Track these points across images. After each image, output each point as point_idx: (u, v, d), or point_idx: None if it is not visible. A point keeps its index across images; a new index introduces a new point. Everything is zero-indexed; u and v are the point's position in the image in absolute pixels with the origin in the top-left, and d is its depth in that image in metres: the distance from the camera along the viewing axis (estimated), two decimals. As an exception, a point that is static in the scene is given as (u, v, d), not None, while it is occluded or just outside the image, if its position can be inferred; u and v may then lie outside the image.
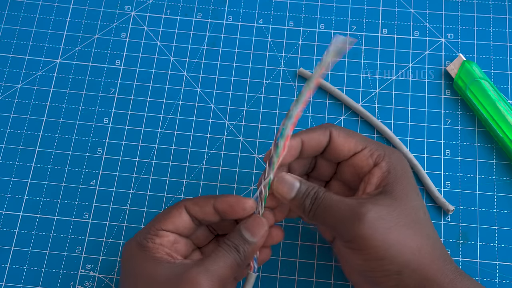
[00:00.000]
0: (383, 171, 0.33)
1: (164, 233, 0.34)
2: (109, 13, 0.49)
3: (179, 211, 0.35)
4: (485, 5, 0.48)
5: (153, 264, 0.32)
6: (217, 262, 0.32)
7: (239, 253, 0.33)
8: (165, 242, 0.34)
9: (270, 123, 0.45)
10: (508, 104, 0.43)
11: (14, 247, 0.42)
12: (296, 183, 0.33)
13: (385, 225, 0.31)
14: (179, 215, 0.34)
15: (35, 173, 0.44)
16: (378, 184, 0.33)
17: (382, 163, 0.34)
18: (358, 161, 0.34)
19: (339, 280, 0.41)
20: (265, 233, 0.34)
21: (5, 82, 0.47)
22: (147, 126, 0.45)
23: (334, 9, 0.49)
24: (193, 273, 0.31)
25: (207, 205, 0.34)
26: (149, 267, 0.32)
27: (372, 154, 0.34)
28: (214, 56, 0.47)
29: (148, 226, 0.35)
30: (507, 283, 0.40)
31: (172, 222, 0.34)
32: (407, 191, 0.33)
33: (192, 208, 0.35)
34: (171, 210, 0.35)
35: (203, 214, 0.35)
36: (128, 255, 0.34)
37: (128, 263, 0.34)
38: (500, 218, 0.42)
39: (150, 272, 0.32)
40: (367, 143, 0.35)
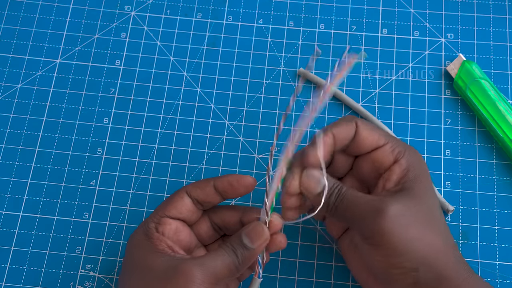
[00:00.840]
0: (403, 168, 0.34)
1: (167, 220, 0.35)
2: (109, 13, 0.49)
3: (181, 195, 0.35)
4: (485, 5, 0.48)
5: (154, 255, 0.33)
6: (214, 260, 0.32)
7: (236, 256, 0.33)
8: (168, 231, 0.34)
9: (270, 123, 0.45)
10: (508, 104, 0.43)
11: (14, 247, 0.42)
12: (323, 180, 0.34)
13: (404, 221, 0.31)
14: (181, 199, 0.35)
15: (35, 173, 0.44)
16: (398, 181, 0.34)
17: (402, 160, 0.34)
18: (378, 156, 0.35)
19: (339, 280, 0.41)
20: (264, 241, 0.34)
21: (5, 82, 0.47)
22: (147, 126, 0.45)
23: (334, 9, 0.49)
24: (188, 265, 0.32)
25: (207, 186, 0.35)
26: (149, 259, 0.33)
27: (393, 150, 0.34)
28: (214, 56, 0.47)
29: (152, 214, 0.35)
30: (507, 283, 0.40)
31: (174, 207, 0.35)
32: (425, 189, 0.33)
33: (193, 190, 0.35)
34: (173, 196, 0.36)
35: (204, 195, 0.35)
36: (133, 244, 0.35)
37: (131, 252, 0.35)
38: (500, 218, 0.42)
39: (149, 263, 0.33)
40: (389, 138, 0.35)
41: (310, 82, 0.46)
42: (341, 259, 0.41)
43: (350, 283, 0.41)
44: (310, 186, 0.34)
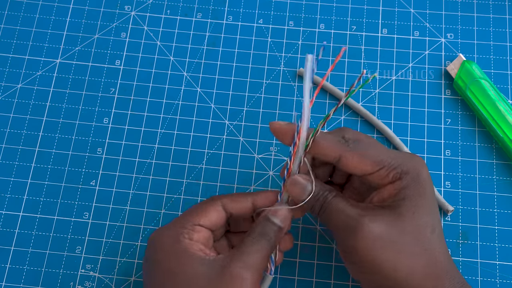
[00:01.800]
0: (395, 187, 0.33)
1: (201, 228, 0.34)
2: (109, 13, 0.49)
3: (216, 207, 0.35)
4: (485, 5, 0.48)
5: (190, 261, 0.32)
6: (253, 254, 0.32)
7: (269, 238, 0.33)
8: (202, 238, 0.34)
9: (270, 123, 0.45)
10: (508, 104, 0.43)
11: (14, 247, 0.42)
12: (309, 186, 0.34)
13: (381, 241, 0.31)
14: (215, 211, 0.35)
15: (35, 173, 0.44)
16: (385, 199, 0.33)
17: (397, 182, 0.33)
18: (372, 179, 0.33)
19: (339, 280, 0.41)
20: (290, 218, 0.34)
21: (5, 82, 0.47)
22: (147, 126, 0.45)
23: (334, 9, 0.49)
24: (236, 269, 0.32)
25: (245, 201, 0.35)
26: (187, 264, 0.32)
27: (388, 174, 0.33)
28: (214, 56, 0.47)
29: (183, 220, 0.34)
30: (507, 283, 0.40)
31: (209, 218, 0.34)
32: (416, 208, 0.32)
33: (229, 204, 0.35)
34: (206, 205, 0.35)
35: (239, 210, 0.35)
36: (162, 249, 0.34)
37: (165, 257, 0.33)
38: (500, 218, 0.42)
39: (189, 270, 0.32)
40: (384, 162, 0.33)
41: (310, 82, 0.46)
42: (341, 259, 0.41)
43: (350, 283, 0.41)
44: (296, 192, 0.34)
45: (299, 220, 0.42)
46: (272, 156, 0.44)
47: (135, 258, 0.42)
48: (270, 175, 0.44)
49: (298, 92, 0.46)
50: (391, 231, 0.31)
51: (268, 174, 0.44)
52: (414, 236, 0.32)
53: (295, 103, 0.46)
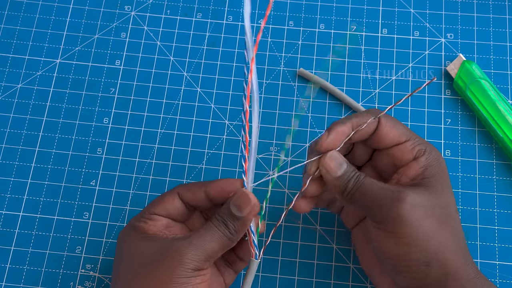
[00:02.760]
0: (421, 166, 0.34)
1: (156, 217, 0.35)
2: (109, 13, 0.49)
3: (172, 197, 0.35)
4: (485, 5, 0.48)
5: (143, 241, 0.33)
6: (204, 236, 0.33)
7: (227, 228, 0.33)
8: (158, 225, 0.34)
9: (270, 123, 0.45)
10: (508, 104, 0.43)
11: (14, 247, 0.42)
12: (344, 163, 0.34)
13: (421, 212, 0.32)
14: (171, 201, 0.35)
15: (35, 173, 0.44)
16: (414, 177, 0.34)
17: (422, 158, 0.34)
18: (398, 152, 0.35)
19: (339, 280, 0.41)
20: (252, 208, 0.34)
21: (5, 82, 0.47)
22: (147, 126, 0.45)
23: (334, 9, 0.49)
24: (177, 245, 0.32)
25: (199, 191, 0.35)
26: (139, 245, 0.33)
27: (413, 148, 0.34)
28: (214, 56, 0.47)
29: (142, 211, 0.36)
30: (507, 283, 0.40)
31: (164, 208, 0.35)
32: (442, 187, 0.33)
33: (185, 194, 0.35)
34: (164, 195, 0.36)
35: (195, 200, 0.35)
36: (121, 236, 0.35)
37: (120, 244, 0.35)
38: (500, 218, 0.42)
39: (139, 249, 0.33)
40: (411, 135, 0.35)
41: (310, 82, 0.46)
42: (341, 259, 0.41)
43: (350, 283, 0.41)
44: (331, 167, 0.34)
45: (298, 220, 0.42)
46: (272, 156, 0.44)
47: (135, 258, 0.42)
48: (270, 175, 0.44)
49: (298, 92, 0.46)
50: (429, 203, 0.32)
51: (268, 174, 0.44)
52: (444, 212, 0.33)
53: (295, 103, 0.46)
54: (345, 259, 0.41)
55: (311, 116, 0.45)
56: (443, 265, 0.31)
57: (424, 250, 0.31)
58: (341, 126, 0.34)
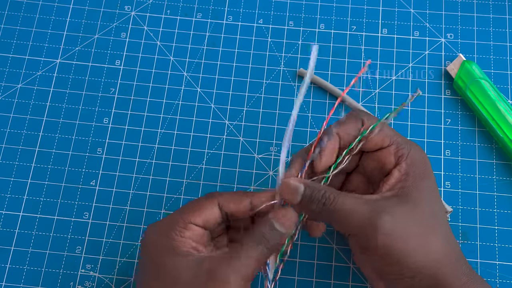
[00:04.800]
0: (402, 173, 0.33)
1: (193, 226, 0.33)
2: (109, 13, 0.49)
3: (211, 205, 0.34)
4: (485, 5, 0.48)
5: (181, 258, 0.32)
6: (246, 259, 0.32)
7: (267, 243, 0.32)
8: (194, 236, 0.33)
9: (270, 123, 0.45)
10: (508, 104, 0.43)
11: (14, 247, 0.42)
12: (301, 187, 0.33)
13: (401, 230, 0.31)
14: (211, 210, 0.34)
15: (35, 173, 0.44)
16: (394, 185, 0.33)
17: (403, 164, 0.34)
18: (382, 156, 0.34)
19: (339, 280, 0.41)
20: (294, 225, 0.34)
21: (5, 82, 0.47)
22: (147, 126, 0.45)
23: (334, 9, 0.49)
24: (222, 270, 0.31)
25: (243, 202, 0.34)
26: (177, 261, 0.32)
27: (396, 152, 0.34)
28: (214, 56, 0.47)
29: (176, 217, 0.34)
30: (507, 283, 0.40)
31: (203, 217, 0.34)
32: (424, 195, 0.33)
33: (225, 204, 0.34)
34: (202, 203, 0.34)
35: (237, 211, 0.34)
36: (154, 245, 0.33)
37: (155, 253, 0.33)
38: (500, 218, 0.42)
39: (177, 266, 0.32)
40: (394, 138, 0.34)
41: (310, 82, 0.46)
42: (341, 259, 0.41)
43: (350, 283, 0.41)
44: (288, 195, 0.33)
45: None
46: (272, 156, 0.44)
47: (135, 258, 0.42)
48: (270, 175, 0.44)
49: (298, 92, 0.46)
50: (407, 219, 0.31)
51: (268, 174, 0.44)
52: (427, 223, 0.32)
53: (295, 103, 0.46)
54: (345, 259, 0.41)
55: (311, 116, 0.45)
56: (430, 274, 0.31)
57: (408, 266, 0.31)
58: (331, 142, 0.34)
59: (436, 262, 0.31)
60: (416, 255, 0.31)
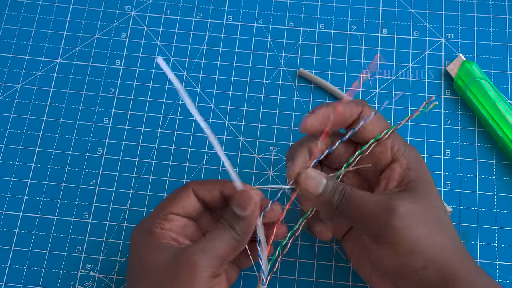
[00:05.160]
0: (404, 168, 0.34)
1: (174, 217, 0.34)
2: (109, 13, 0.49)
3: (188, 193, 0.35)
4: (485, 5, 0.48)
5: (158, 251, 0.32)
6: (213, 240, 0.32)
7: (234, 229, 0.33)
8: (175, 227, 0.34)
9: (270, 123, 0.45)
10: (508, 104, 0.43)
11: (14, 247, 0.42)
12: (323, 179, 0.34)
13: (414, 220, 0.31)
14: (187, 198, 0.35)
15: (35, 173, 0.44)
16: (400, 181, 0.34)
17: (402, 159, 0.34)
18: (378, 149, 0.34)
19: (339, 280, 0.41)
20: (255, 206, 0.33)
21: (5, 82, 0.47)
22: (147, 126, 0.45)
23: (334, 9, 0.49)
24: (189, 254, 0.31)
25: (214, 189, 0.35)
26: (154, 255, 0.32)
27: (393, 147, 0.34)
28: (214, 56, 0.47)
29: (156, 210, 0.35)
30: (507, 283, 0.40)
31: (181, 206, 0.34)
32: (428, 189, 0.33)
33: (199, 190, 0.35)
34: (179, 193, 0.35)
35: (210, 198, 0.35)
36: (136, 241, 0.34)
37: (136, 250, 0.34)
38: (500, 218, 0.42)
39: (155, 259, 0.32)
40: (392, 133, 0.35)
41: (310, 82, 0.46)
42: (341, 259, 0.41)
43: (350, 283, 0.41)
44: (310, 186, 0.33)
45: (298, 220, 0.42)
46: (272, 156, 0.44)
47: (135, 258, 0.42)
48: (270, 175, 0.44)
49: (298, 92, 0.46)
50: (420, 208, 0.32)
51: (268, 174, 0.44)
52: (435, 216, 0.33)
53: (295, 103, 0.46)
54: (345, 259, 0.41)
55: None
56: (441, 268, 0.31)
57: (421, 257, 0.31)
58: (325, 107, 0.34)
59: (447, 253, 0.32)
60: (427, 244, 0.31)
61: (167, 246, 0.33)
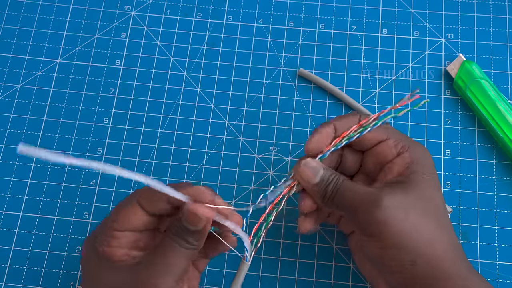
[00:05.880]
0: (406, 161, 0.34)
1: (120, 234, 0.32)
2: (109, 13, 0.49)
3: (133, 207, 0.32)
4: (485, 5, 0.48)
5: (109, 271, 0.31)
6: (167, 257, 0.31)
7: (187, 241, 0.31)
8: (123, 243, 0.32)
9: (270, 123, 0.45)
10: (508, 104, 0.43)
11: (14, 247, 0.42)
12: (321, 169, 0.34)
13: (401, 213, 0.31)
14: (133, 212, 0.32)
15: (35, 173, 0.44)
16: (398, 173, 0.34)
17: (406, 154, 0.34)
18: (382, 150, 0.35)
19: (339, 280, 0.41)
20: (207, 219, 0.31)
21: (5, 82, 0.47)
22: (147, 126, 0.45)
23: (334, 9, 0.49)
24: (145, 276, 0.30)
25: (160, 201, 0.32)
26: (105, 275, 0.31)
27: (396, 145, 0.35)
28: (214, 56, 0.47)
29: (102, 227, 0.32)
30: (507, 283, 0.40)
31: (127, 222, 0.32)
32: (428, 182, 0.33)
33: (145, 204, 0.32)
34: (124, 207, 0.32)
35: (158, 210, 0.32)
36: (85, 258, 0.32)
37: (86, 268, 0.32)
38: (500, 218, 0.42)
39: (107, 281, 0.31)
40: (393, 133, 0.35)
41: (310, 82, 0.46)
42: (341, 259, 0.41)
43: (350, 283, 0.41)
44: (308, 174, 0.34)
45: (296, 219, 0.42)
46: (272, 156, 0.44)
47: (135, 258, 0.42)
48: (270, 175, 0.44)
49: (298, 92, 0.46)
50: (409, 201, 0.32)
51: (268, 174, 0.44)
52: (428, 208, 0.33)
53: (295, 103, 0.46)
54: (345, 259, 0.41)
55: (311, 116, 0.45)
56: (431, 263, 0.31)
57: (408, 251, 0.31)
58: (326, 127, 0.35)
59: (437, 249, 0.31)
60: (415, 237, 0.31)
61: (118, 263, 0.31)
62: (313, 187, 0.34)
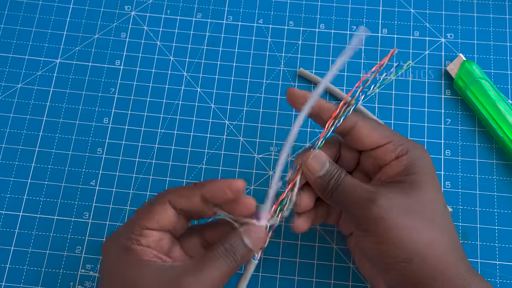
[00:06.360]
0: (403, 164, 0.34)
1: (149, 232, 0.32)
2: (109, 13, 0.49)
3: (163, 206, 0.32)
4: (485, 5, 0.48)
5: (141, 269, 0.31)
6: (212, 271, 0.31)
7: (235, 257, 0.31)
8: (151, 242, 0.32)
9: (270, 123, 0.45)
10: (508, 104, 0.43)
11: (14, 247, 0.42)
12: (327, 162, 0.34)
13: (397, 210, 0.32)
14: (163, 211, 0.32)
15: (35, 173, 0.44)
16: (396, 174, 0.34)
17: (403, 157, 0.34)
18: (380, 153, 0.35)
19: (339, 280, 0.41)
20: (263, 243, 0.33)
21: (5, 82, 0.47)
22: (147, 126, 0.45)
23: (334, 9, 0.49)
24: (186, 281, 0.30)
25: (194, 195, 0.33)
26: (138, 273, 0.30)
27: (395, 149, 0.35)
28: (214, 56, 0.47)
29: (130, 224, 0.32)
30: (507, 283, 0.40)
31: (156, 220, 0.32)
32: (427, 183, 0.33)
33: (177, 201, 0.33)
34: (154, 206, 0.33)
35: (190, 206, 0.33)
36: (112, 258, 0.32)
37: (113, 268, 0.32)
38: (500, 218, 0.42)
39: (139, 279, 0.30)
40: (392, 137, 0.35)
41: (310, 82, 0.46)
42: (341, 259, 0.41)
43: (350, 283, 0.41)
44: (314, 166, 0.34)
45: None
46: (272, 156, 0.44)
47: (135, 258, 0.42)
48: (270, 175, 0.44)
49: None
50: (406, 201, 0.32)
51: (268, 174, 0.44)
52: (427, 209, 0.33)
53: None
54: (345, 259, 0.41)
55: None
56: (429, 263, 0.31)
57: (402, 247, 0.31)
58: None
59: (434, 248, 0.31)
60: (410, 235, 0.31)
61: (150, 263, 0.31)
62: (317, 179, 0.34)
